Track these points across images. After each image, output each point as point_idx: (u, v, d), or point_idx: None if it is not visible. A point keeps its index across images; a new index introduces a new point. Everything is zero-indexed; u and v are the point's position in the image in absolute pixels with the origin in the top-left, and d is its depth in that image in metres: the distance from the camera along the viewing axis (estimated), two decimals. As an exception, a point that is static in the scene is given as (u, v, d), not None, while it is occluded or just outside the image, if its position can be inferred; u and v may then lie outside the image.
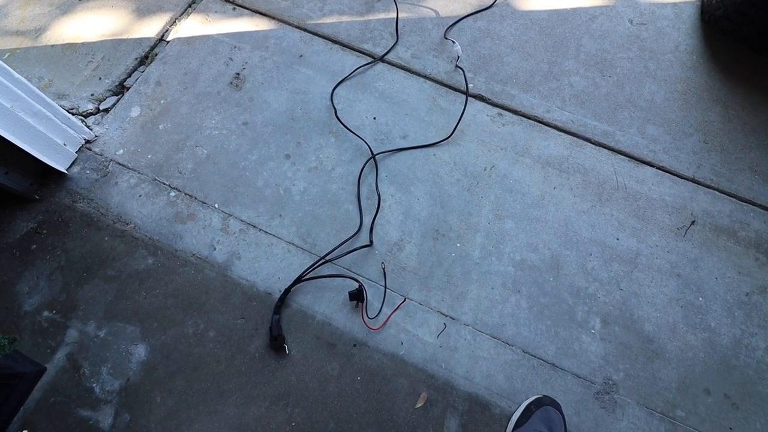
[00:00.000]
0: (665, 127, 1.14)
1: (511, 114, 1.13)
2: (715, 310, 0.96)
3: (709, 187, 1.08)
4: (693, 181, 1.08)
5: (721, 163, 1.11)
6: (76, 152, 1.02)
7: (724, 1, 1.16)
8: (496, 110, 1.14)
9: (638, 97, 1.17)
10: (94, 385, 0.82)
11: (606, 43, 1.24)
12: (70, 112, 1.04)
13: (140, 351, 0.85)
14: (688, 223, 1.04)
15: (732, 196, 1.07)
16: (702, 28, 1.28)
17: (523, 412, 0.80)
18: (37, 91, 0.92)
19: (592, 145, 1.11)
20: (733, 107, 1.18)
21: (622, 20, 1.28)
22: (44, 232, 0.94)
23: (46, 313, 0.87)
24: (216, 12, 1.24)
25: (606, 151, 1.10)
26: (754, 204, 1.07)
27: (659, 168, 1.09)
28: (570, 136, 1.11)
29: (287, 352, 0.86)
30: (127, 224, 0.96)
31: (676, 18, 1.30)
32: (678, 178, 1.08)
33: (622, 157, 1.10)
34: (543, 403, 0.80)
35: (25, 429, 0.79)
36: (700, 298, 0.96)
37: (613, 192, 1.05)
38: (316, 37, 1.21)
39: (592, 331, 0.92)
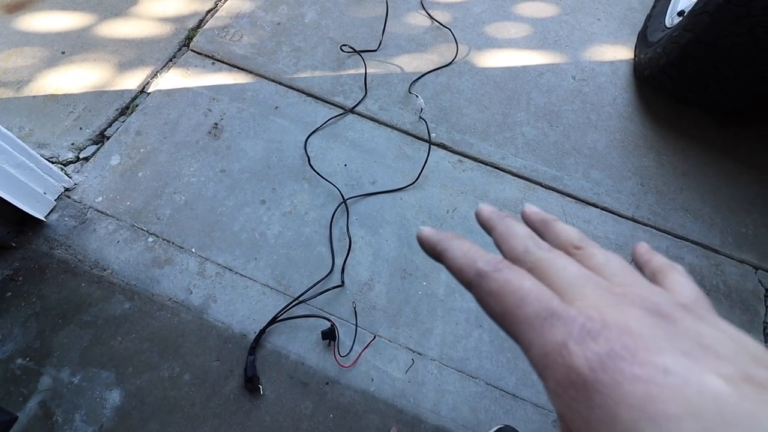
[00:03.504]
0: (607, 171, 1.27)
1: (470, 161, 1.24)
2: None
3: (647, 225, 1.20)
4: (633, 220, 1.20)
5: (657, 203, 1.24)
6: (55, 200, 1.06)
7: (651, 62, 1.33)
8: (457, 157, 1.24)
9: (582, 144, 1.31)
10: (67, 433, 0.83)
11: (553, 96, 1.39)
12: (50, 161, 1.08)
13: (115, 396, 0.87)
14: (630, 259, 1.14)
15: (667, 233, 1.20)
16: (635, 83, 1.45)
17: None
18: (20, 142, 0.96)
19: (543, 188, 1.22)
20: (665, 153, 1.33)
21: (566, 76, 1.44)
22: (20, 279, 0.96)
23: (19, 361, 0.88)
24: (196, 66, 1.32)
25: (555, 193, 1.22)
26: (687, 240, 1.19)
27: (602, 208, 1.21)
28: (523, 181, 1.23)
29: (261, 392, 0.89)
30: (105, 270, 0.99)
31: (613, 74, 1.47)
32: (619, 218, 1.20)
33: (570, 199, 1.21)
34: None
35: (-9, 482, 0.78)
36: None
37: (564, 231, 1.16)
38: (291, 90, 1.31)
39: (548, 361, 0.99)
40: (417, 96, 1.30)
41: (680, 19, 1.28)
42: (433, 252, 0.20)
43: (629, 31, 1.57)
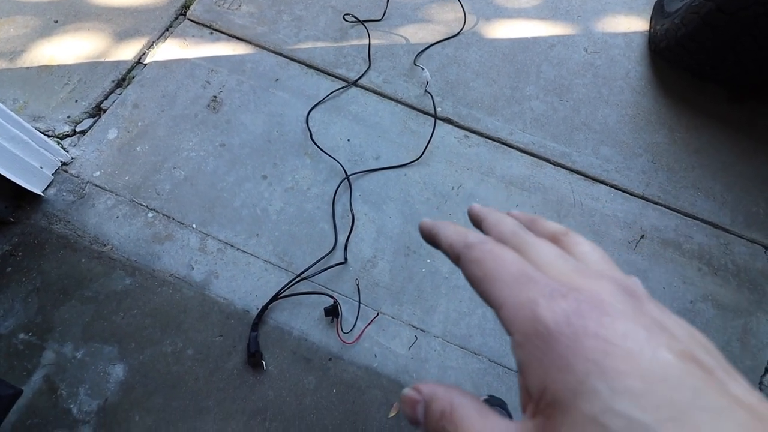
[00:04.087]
0: (617, 148, 1.23)
1: (476, 136, 1.21)
2: (663, 317, 1.04)
3: (656, 203, 1.17)
4: (642, 198, 1.18)
5: (667, 181, 1.21)
6: (52, 174, 1.04)
7: (667, 33, 1.28)
8: (463, 132, 1.21)
9: (593, 120, 1.27)
10: (72, 406, 0.83)
11: (563, 69, 1.34)
12: (46, 135, 1.05)
13: (118, 371, 0.87)
14: (638, 237, 1.13)
15: (677, 212, 1.17)
16: (649, 56, 1.40)
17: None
18: (14, 115, 0.93)
19: (551, 165, 1.19)
20: (678, 130, 1.29)
21: (577, 49, 1.39)
22: (20, 254, 0.95)
23: (21, 336, 0.88)
24: (193, 36, 1.28)
25: (564, 170, 1.19)
26: (697, 219, 1.17)
27: (612, 186, 1.18)
28: (531, 157, 1.19)
29: (265, 368, 0.89)
30: (105, 245, 0.98)
31: (627, 47, 1.41)
32: (629, 196, 1.17)
33: (579, 176, 1.18)
34: (490, 404, 0.86)
35: (-1, 453, 0.79)
36: (650, 307, 1.05)
37: (571, 208, 1.14)
38: (292, 62, 1.26)
39: (553, 339, 0.99)
40: (422, 68, 1.26)
41: (700, -13, 1.22)
42: (429, 235, 0.22)
43: (645, 1, 1.50)
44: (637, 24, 1.46)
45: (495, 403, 0.86)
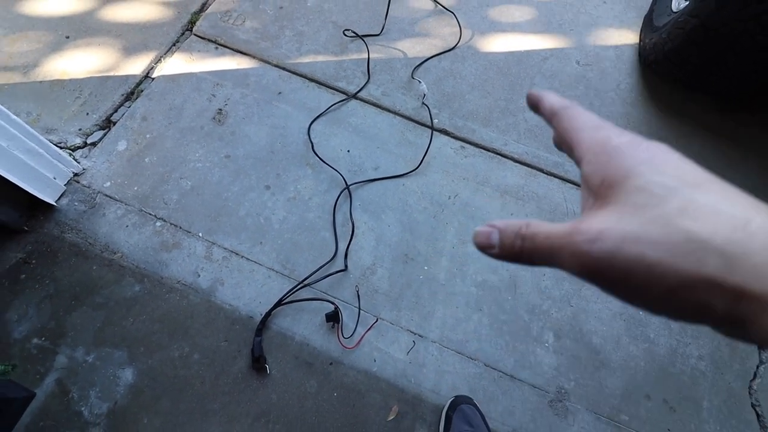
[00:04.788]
0: (609, 158, 1.27)
1: (472, 147, 1.25)
2: (654, 322, 1.07)
3: (647, 211, 1.21)
4: (633, 206, 1.21)
5: (658, 190, 1.24)
6: (64, 185, 1.08)
7: (655, 47, 1.32)
8: (459, 143, 1.25)
9: (585, 131, 1.31)
10: (83, 408, 0.87)
11: (556, 82, 1.39)
12: (58, 147, 1.10)
13: (127, 375, 0.90)
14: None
15: (668, 220, 1.21)
16: (640, 68, 1.44)
17: (444, 422, 0.89)
18: (30, 128, 0.98)
19: (544, 174, 1.23)
20: (669, 139, 1.33)
21: (570, 61, 1.43)
22: (33, 262, 0.99)
23: (35, 340, 0.91)
24: (199, 51, 1.33)
25: (557, 180, 1.23)
26: (687, 226, 1.20)
27: (604, 195, 1.22)
28: (525, 167, 1.23)
29: (268, 371, 0.92)
30: (115, 253, 1.02)
31: (617, 59, 1.46)
32: (620, 204, 1.21)
33: (571, 185, 1.22)
34: (457, 404, 0.89)
35: (13, 454, 0.82)
36: (641, 312, 1.08)
37: (564, 217, 1.17)
38: (294, 76, 1.31)
39: (546, 344, 1.02)
40: (420, 81, 1.30)
41: (686, 3, 1.27)
42: (535, 99, 0.29)
43: (635, 14, 1.56)
44: (628, 37, 1.51)
45: (460, 402, 0.89)
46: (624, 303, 0.19)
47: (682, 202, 0.17)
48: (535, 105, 0.29)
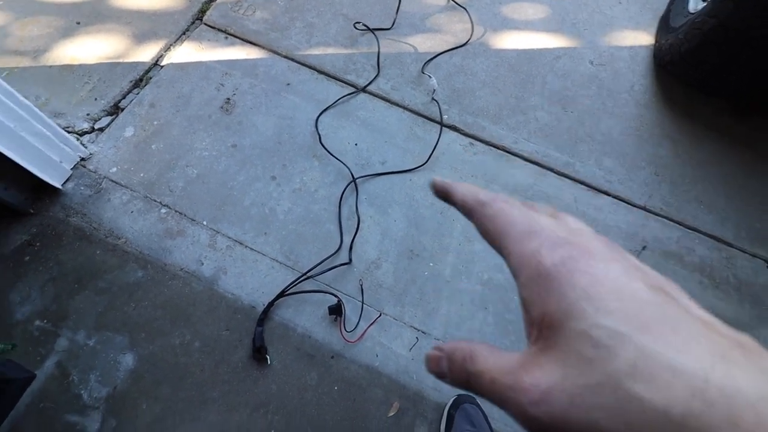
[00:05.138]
0: (620, 159, 1.25)
1: (481, 144, 1.24)
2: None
3: (659, 215, 1.19)
4: (645, 209, 1.19)
5: (670, 193, 1.23)
6: (71, 169, 1.08)
7: (672, 48, 1.30)
8: (468, 140, 1.24)
9: (596, 131, 1.29)
10: (83, 391, 0.86)
11: (568, 81, 1.37)
12: (66, 131, 1.09)
13: (128, 360, 0.90)
14: (640, 248, 1.14)
15: (680, 224, 1.19)
16: (654, 70, 1.42)
17: (446, 420, 0.88)
18: (38, 111, 0.97)
19: (554, 174, 1.21)
20: (682, 143, 1.31)
21: (583, 61, 1.41)
22: (38, 244, 0.99)
23: (37, 323, 0.91)
24: (209, 40, 1.32)
25: (567, 180, 1.21)
26: (699, 231, 1.18)
27: (615, 197, 1.20)
28: (535, 166, 1.22)
29: (269, 362, 0.91)
30: (119, 239, 1.02)
31: (632, 60, 1.44)
32: (631, 207, 1.19)
33: (582, 186, 1.20)
34: (460, 402, 0.88)
35: (11, 435, 0.82)
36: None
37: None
38: (303, 67, 1.30)
39: (551, 345, 1.00)
40: (430, 77, 1.29)
41: (704, 4, 1.25)
42: (443, 191, 0.25)
43: (651, 15, 1.53)
44: (643, 38, 1.49)
45: (463, 401, 0.88)
46: None
47: (632, 355, 0.15)
48: (443, 195, 0.25)
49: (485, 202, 0.22)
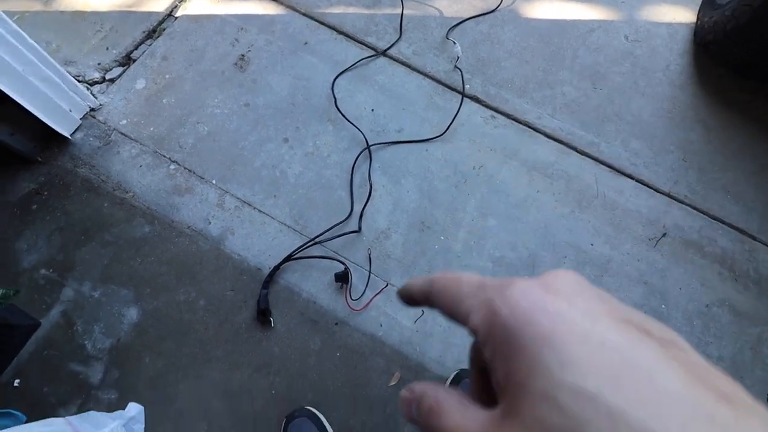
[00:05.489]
0: (648, 142, 1.19)
1: (503, 117, 1.18)
2: (676, 317, 1.02)
3: (683, 202, 1.14)
4: (669, 196, 1.14)
5: (697, 181, 1.17)
6: (80, 119, 1.05)
7: (715, 26, 1.21)
8: (490, 112, 1.18)
9: (626, 111, 1.22)
10: (86, 342, 0.87)
11: (601, 56, 1.29)
12: (76, 79, 1.07)
13: (132, 313, 0.90)
14: (660, 235, 1.10)
15: (704, 213, 1.13)
16: (693, 49, 1.34)
17: (452, 379, 0.89)
18: (48, 56, 0.94)
19: (577, 153, 1.16)
20: (715, 129, 1.24)
21: (618, 35, 1.33)
22: (45, 193, 0.98)
23: (43, 271, 0.91)
24: (226, -8, 1.26)
25: (590, 160, 1.16)
26: (723, 222, 1.13)
27: (638, 181, 1.15)
28: (557, 143, 1.16)
29: (272, 325, 0.91)
30: (127, 192, 1.00)
31: (670, 38, 1.35)
32: (655, 192, 1.14)
33: (605, 167, 1.15)
34: (462, 377, 0.87)
35: (17, 379, 0.83)
36: (663, 306, 1.03)
37: (593, 200, 1.11)
38: (322, 26, 1.24)
39: (560, 327, 0.98)
40: (455, 43, 1.23)
41: (758, -23, 1.15)
42: (406, 295, 0.24)
43: (695, -10, 1.43)
44: (684, 15, 1.39)
45: (467, 375, 0.87)
46: None
47: (605, 424, 0.12)
48: (408, 299, 0.24)
49: (432, 279, 0.22)
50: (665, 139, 1.21)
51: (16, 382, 0.82)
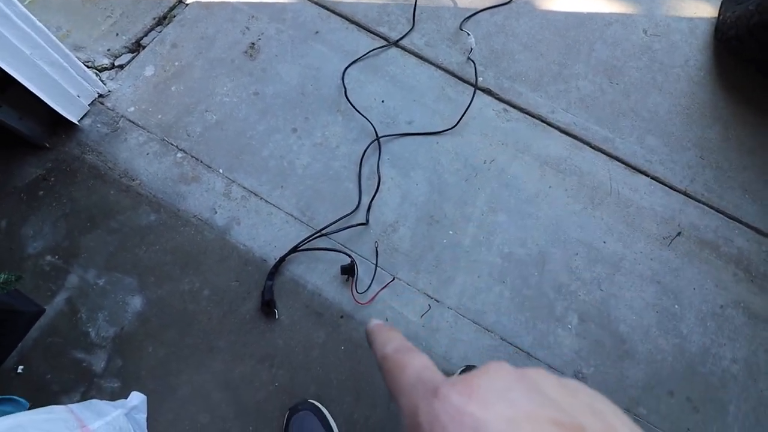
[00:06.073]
0: (664, 139, 1.16)
1: (516, 111, 1.16)
2: (689, 318, 1.00)
3: (699, 201, 1.11)
4: (684, 194, 1.11)
5: (714, 179, 1.14)
6: (88, 105, 1.04)
7: (738, 21, 1.18)
8: (502, 106, 1.16)
9: (642, 107, 1.19)
10: (90, 329, 0.86)
11: (618, 50, 1.26)
12: (85, 65, 1.06)
13: (136, 302, 0.89)
14: (674, 234, 1.07)
15: (720, 213, 1.10)
16: (714, 45, 1.30)
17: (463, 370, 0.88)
18: (56, 40, 0.93)
19: (591, 149, 1.13)
20: (734, 127, 1.21)
21: (636, 29, 1.30)
22: (52, 179, 0.97)
23: (48, 258, 0.90)
24: (236, -20, 1.25)
25: (604, 156, 1.13)
26: (740, 222, 1.10)
27: (653, 178, 1.12)
28: (571, 138, 1.14)
29: (277, 317, 0.89)
30: (133, 180, 0.99)
31: (690, 33, 1.31)
32: (670, 190, 1.11)
33: (619, 163, 1.12)
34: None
35: (20, 365, 0.83)
36: (676, 306, 1.00)
37: (606, 197, 1.09)
38: (334, 15, 1.22)
39: (569, 326, 0.96)
40: (468, 34, 1.20)
41: (784, -30, 1.11)
42: (368, 338, 0.26)
43: (717, -16, 1.39)
44: (705, 9, 1.35)
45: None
46: None
47: None
48: (369, 342, 0.26)
49: (385, 355, 0.22)
50: (682, 136, 1.17)
51: (20, 369, 0.82)
